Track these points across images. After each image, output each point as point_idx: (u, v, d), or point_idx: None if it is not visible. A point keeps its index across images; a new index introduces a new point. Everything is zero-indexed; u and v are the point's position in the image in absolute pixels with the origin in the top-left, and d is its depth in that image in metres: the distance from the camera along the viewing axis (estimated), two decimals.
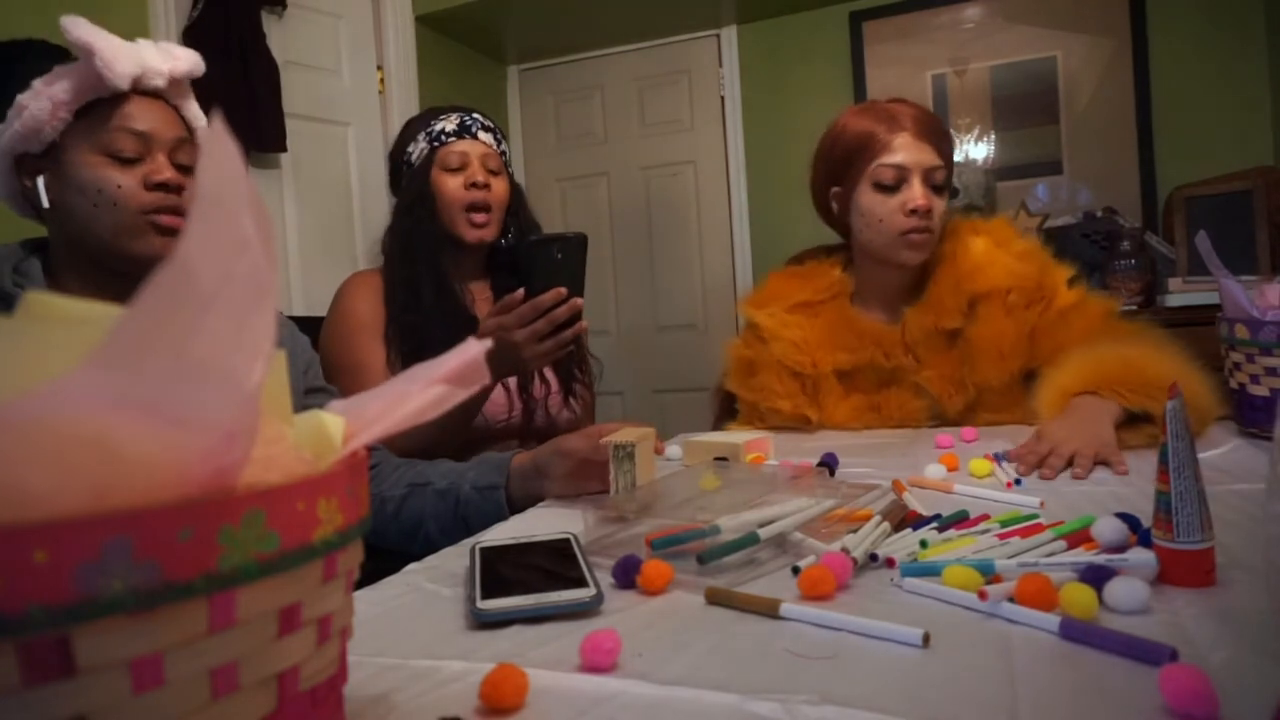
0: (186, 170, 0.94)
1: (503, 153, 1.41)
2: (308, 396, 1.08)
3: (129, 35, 0.91)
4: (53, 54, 0.89)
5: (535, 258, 1.02)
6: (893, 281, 1.34)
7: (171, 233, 0.91)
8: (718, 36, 3.18)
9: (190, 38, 2.11)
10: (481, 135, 1.37)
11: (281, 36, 2.38)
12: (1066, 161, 2.77)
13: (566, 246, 1.04)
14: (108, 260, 0.91)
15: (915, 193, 1.25)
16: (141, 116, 0.90)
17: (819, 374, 1.31)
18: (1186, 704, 0.37)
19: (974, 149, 2.87)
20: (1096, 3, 2.71)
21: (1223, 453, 0.96)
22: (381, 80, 2.74)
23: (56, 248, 0.94)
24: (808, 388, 1.32)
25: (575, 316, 1.06)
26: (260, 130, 2.23)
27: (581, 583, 0.59)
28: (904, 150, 1.26)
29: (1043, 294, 1.26)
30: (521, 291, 1.05)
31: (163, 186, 0.90)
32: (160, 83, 0.91)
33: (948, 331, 1.30)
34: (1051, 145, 2.79)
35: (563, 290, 1.03)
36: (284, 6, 2.39)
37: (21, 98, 0.87)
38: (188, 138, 0.95)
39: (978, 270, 1.27)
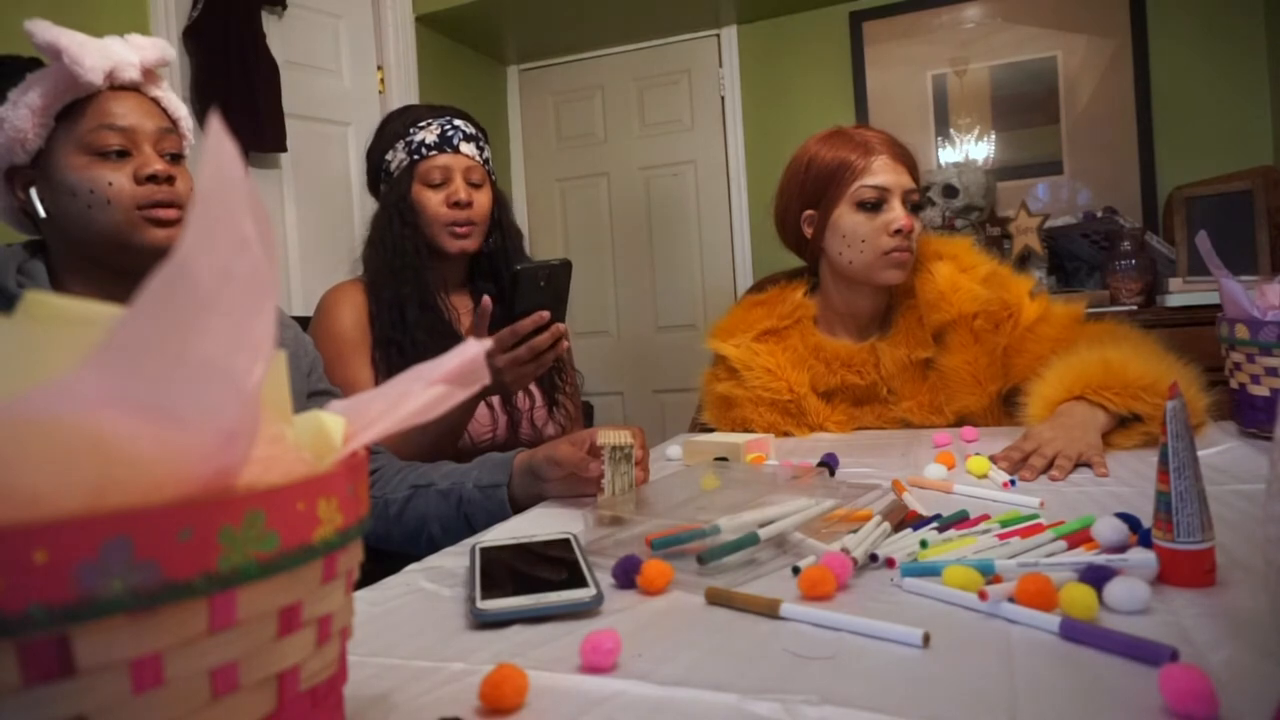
0: (174, 159, 0.94)
1: (486, 161, 1.37)
2: (311, 399, 1.08)
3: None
4: (28, 68, 0.89)
5: (519, 284, 1.03)
6: (863, 305, 1.33)
7: (167, 224, 0.91)
8: (718, 36, 3.18)
9: (190, 38, 2.11)
10: (464, 148, 1.33)
11: (281, 36, 2.38)
12: (1066, 161, 2.77)
13: (551, 274, 1.05)
14: (108, 258, 0.91)
15: (898, 213, 1.25)
16: (121, 111, 0.90)
17: (799, 396, 1.31)
18: (1186, 704, 0.37)
19: (974, 149, 2.87)
20: (1096, 3, 2.71)
21: (1222, 453, 0.96)
22: (381, 80, 2.74)
23: (58, 253, 0.94)
24: (792, 410, 1.32)
25: (557, 340, 1.07)
26: (260, 130, 2.23)
27: (581, 583, 0.59)
28: (884, 172, 1.26)
29: (1009, 311, 1.26)
30: (486, 300, 1.07)
31: (153, 179, 0.90)
32: (133, 75, 0.90)
33: (921, 361, 1.30)
34: (1051, 145, 2.79)
35: (544, 315, 1.04)
36: (284, 6, 2.39)
37: None
38: (171, 128, 0.94)
39: (942, 299, 1.27)
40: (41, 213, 0.90)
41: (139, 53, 0.91)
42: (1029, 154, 2.81)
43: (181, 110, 0.97)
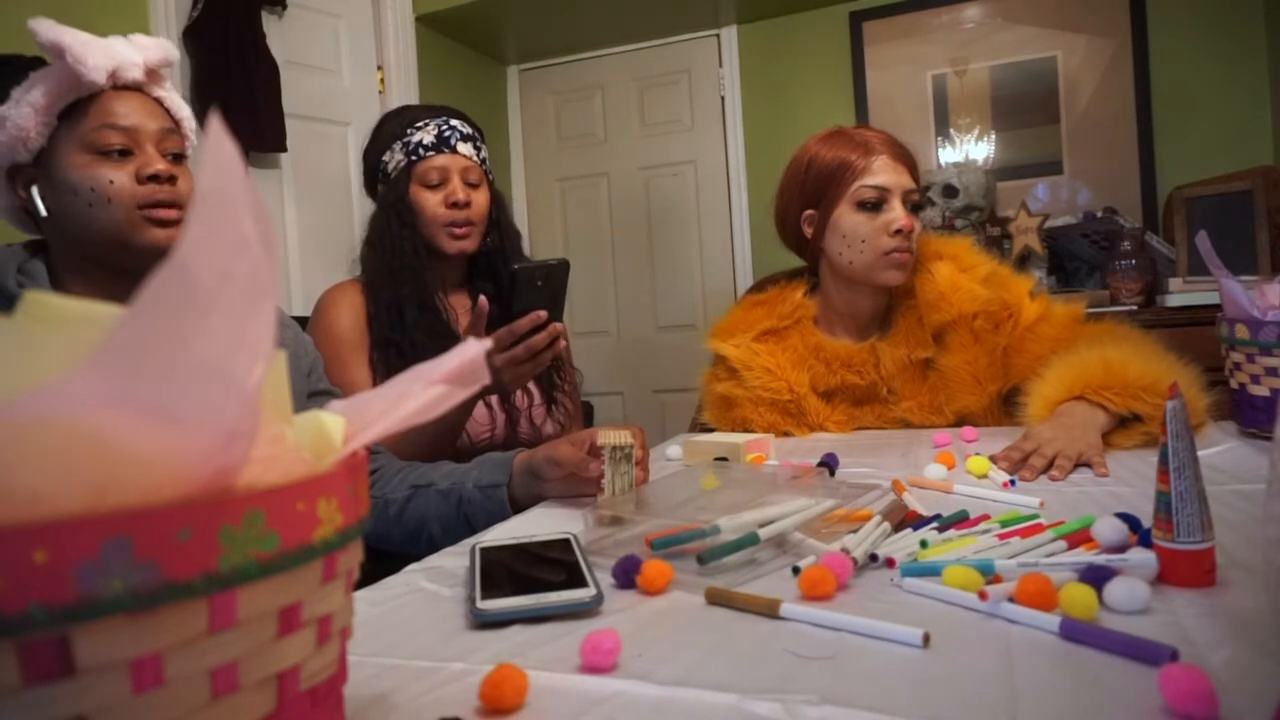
0: (176, 159, 0.94)
1: (483, 161, 1.37)
2: (312, 399, 1.08)
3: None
4: (31, 67, 0.89)
5: (516, 284, 1.03)
6: (863, 305, 1.33)
7: (168, 224, 0.91)
8: (718, 36, 3.18)
9: (190, 38, 2.11)
10: (461, 148, 1.33)
11: (281, 36, 2.38)
12: (1066, 161, 2.77)
13: (548, 273, 1.05)
14: (108, 257, 0.91)
15: (898, 213, 1.25)
16: (124, 111, 0.90)
17: (799, 396, 1.31)
18: (1186, 704, 0.37)
19: (974, 149, 2.87)
20: (1096, 3, 2.71)
21: (1222, 452, 0.96)
22: (381, 80, 2.74)
23: (58, 253, 0.94)
24: (792, 410, 1.32)
25: (554, 339, 1.07)
26: (260, 130, 2.23)
27: (581, 583, 0.59)
28: (884, 172, 1.26)
29: (1009, 311, 1.26)
30: (483, 300, 1.06)
31: (154, 178, 0.90)
32: (136, 74, 0.91)
33: (921, 361, 1.30)
34: (1051, 145, 2.79)
35: (542, 314, 1.04)
36: (284, 6, 2.39)
37: (1, 109, 0.87)
38: (173, 128, 0.94)
39: (942, 299, 1.27)
40: (43, 211, 0.90)
41: (142, 53, 0.91)
42: (1029, 154, 2.81)
43: (184, 111, 0.97)
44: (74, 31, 0.86)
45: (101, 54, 0.87)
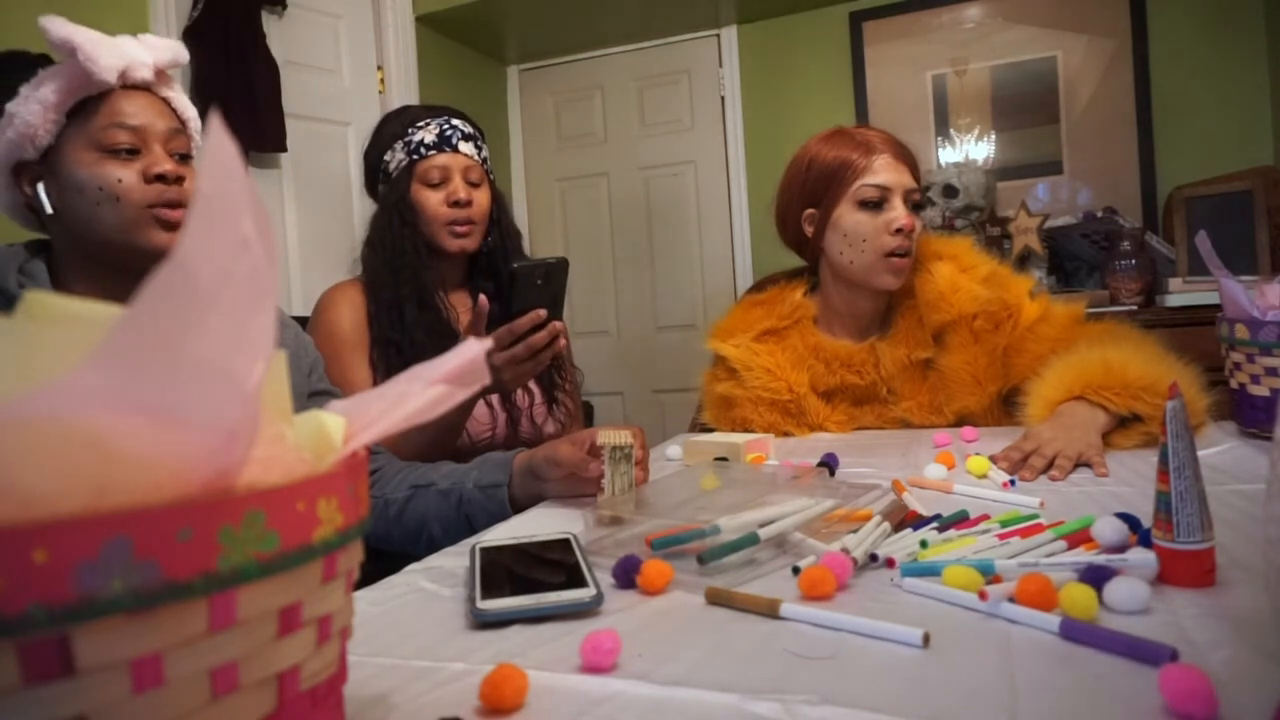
0: (183, 159, 0.94)
1: (484, 160, 1.37)
2: (312, 399, 1.08)
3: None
4: (37, 64, 0.89)
5: (516, 282, 1.03)
6: (863, 305, 1.33)
7: (174, 227, 0.91)
8: (718, 36, 3.18)
9: (190, 38, 2.11)
10: (462, 147, 1.33)
11: (281, 36, 2.38)
12: (1066, 161, 2.77)
13: (548, 271, 1.05)
14: (113, 257, 0.91)
15: (899, 212, 1.25)
16: (132, 110, 0.90)
17: (799, 396, 1.31)
18: (1186, 704, 0.37)
19: (974, 149, 2.87)
20: (1096, 3, 2.72)
21: (1222, 452, 0.96)
22: (381, 80, 2.74)
23: (62, 251, 0.94)
24: (792, 410, 1.32)
25: (554, 338, 1.07)
26: (260, 130, 2.23)
27: (581, 583, 0.59)
28: (885, 171, 1.26)
29: (1009, 312, 1.26)
30: (483, 299, 1.06)
31: (161, 178, 0.90)
32: (146, 74, 0.91)
33: (921, 362, 1.30)
34: (1051, 145, 2.79)
35: (541, 313, 1.04)
36: (284, 6, 2.39)
37: (10, 106, 0.86)
38: (180, 128, 0.95)
39: (942, 299, 1.27)
40: (48, 208, 0.90)
41: (153, 53, 0.91)
42: (1029, 154, 2.81)
43: (190, 111, 0.97)
44: (85, 30, 0.86)
45: (113, 53, 0.87)
